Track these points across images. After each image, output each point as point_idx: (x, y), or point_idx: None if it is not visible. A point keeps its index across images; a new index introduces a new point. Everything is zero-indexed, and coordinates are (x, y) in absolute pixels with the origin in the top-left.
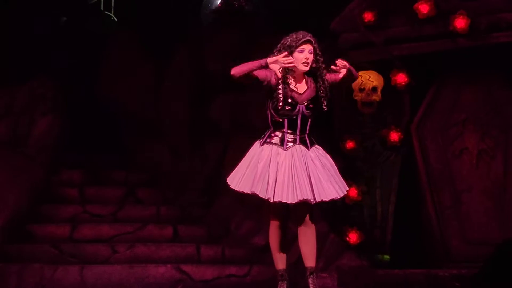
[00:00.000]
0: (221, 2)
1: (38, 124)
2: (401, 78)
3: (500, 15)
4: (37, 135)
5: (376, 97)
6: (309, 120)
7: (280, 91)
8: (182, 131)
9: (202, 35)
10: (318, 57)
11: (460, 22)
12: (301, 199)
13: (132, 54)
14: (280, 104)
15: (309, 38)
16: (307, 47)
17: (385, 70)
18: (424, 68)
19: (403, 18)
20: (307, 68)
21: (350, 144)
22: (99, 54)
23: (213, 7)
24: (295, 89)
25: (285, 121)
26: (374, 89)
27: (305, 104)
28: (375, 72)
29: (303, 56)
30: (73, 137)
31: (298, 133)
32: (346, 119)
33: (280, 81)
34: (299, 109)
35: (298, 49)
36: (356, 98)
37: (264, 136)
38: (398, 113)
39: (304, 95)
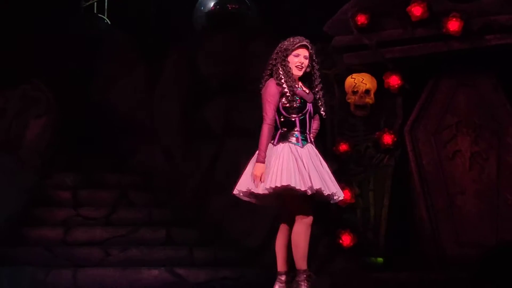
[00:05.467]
0: (214, 5)
1: (31, 127)
2: (394, 81)
3: (493, 17)
4: (30, 138)
5: (369, 99)
6: (312, 120)
7: (290, 92)
8: (175, 134)
9: (195, 38)
10: (314, 63)
11: (453, 25)
12: (334, 191)
13: (125, 57)
14: (295, 103)
15: (306, 43)
16: (303, 52)
17: (378, 73)
18: (417, 71)
19: (396, 21)
20: (300, 73)
21: (343, 147)
22: (92, 56)
23: (206, 10)
24: (303, 89)
25: (297, 120)
26: (367, 91)
27: (312, 103)
28: (368, 75)
29: (298, 60)
30: (66, 140)
31: (307, 132)
32: (339, 122)
33: (284, 83)
34: (308, 108)
35: (294, 52)
36: (349, 100)
37: (276, 137)
38: (391, 115)
39: (310, 95)
